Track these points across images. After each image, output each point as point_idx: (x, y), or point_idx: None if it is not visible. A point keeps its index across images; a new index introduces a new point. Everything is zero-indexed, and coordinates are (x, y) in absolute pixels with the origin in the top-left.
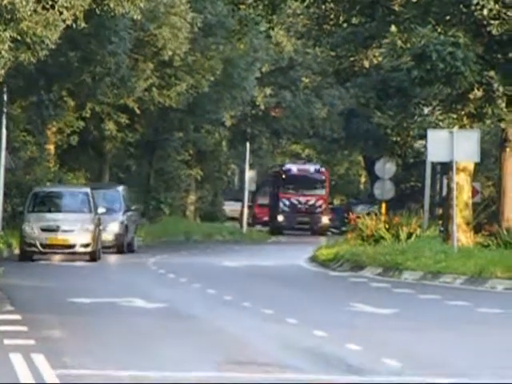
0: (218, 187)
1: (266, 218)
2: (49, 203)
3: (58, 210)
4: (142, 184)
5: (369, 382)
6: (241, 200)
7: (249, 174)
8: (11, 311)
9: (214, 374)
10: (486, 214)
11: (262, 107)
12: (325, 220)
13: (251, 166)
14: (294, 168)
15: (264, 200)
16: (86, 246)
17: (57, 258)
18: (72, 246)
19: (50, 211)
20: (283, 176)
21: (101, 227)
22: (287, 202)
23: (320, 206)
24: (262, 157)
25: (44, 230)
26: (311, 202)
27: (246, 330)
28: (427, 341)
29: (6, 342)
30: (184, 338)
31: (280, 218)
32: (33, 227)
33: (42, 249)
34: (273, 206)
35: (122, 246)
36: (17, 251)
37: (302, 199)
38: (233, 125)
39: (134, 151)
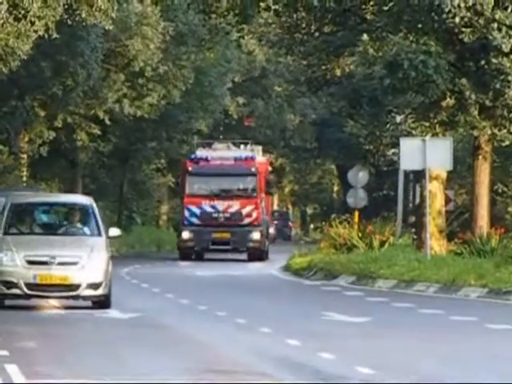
0: None
1: None
2: (36, 221)
3: (51, 232)
4: (114, 194)
5: None
6: None
7: None
8: None
9: (187, 382)
10: (459, 222)
11: (235, 117)
12: (255, 235)
13: None
14: (205, 156)
15: None
16: (96, 286)
17: (50, 304)
18: (74, 288)
19: (38, 233)
20: (189, 169)
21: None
22: (196, 211)
23: (249, 215)
24: None
25: (32, 262)
26: (233, 209)
27: (219, 339)
28: (401, 349)
29: None
30: (157, 348)
31: (186, 234)
32: (14, 257)
33: (27, 290)
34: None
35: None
36: None
37: (220, 205)
38: (206, 133)
39: (107, 161)
